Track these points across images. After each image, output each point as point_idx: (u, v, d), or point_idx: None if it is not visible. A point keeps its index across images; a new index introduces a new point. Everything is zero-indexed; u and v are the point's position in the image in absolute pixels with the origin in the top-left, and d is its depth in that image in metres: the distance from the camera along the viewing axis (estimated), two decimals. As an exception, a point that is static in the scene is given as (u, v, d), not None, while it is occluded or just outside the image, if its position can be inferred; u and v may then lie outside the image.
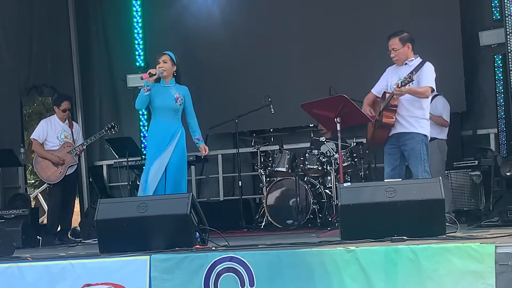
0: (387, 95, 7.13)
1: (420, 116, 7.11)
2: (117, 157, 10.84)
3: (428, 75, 7.04)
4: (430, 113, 8.46)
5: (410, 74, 6.83)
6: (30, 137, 9.53)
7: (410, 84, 6.87)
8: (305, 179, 9.56)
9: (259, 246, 6.01)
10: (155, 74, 7.59)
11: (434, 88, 7.11)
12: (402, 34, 7.21)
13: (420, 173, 6.94)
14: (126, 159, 10.46)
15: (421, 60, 7.17)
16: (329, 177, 9.54)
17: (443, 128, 8.87)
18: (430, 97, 7.25)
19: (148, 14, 11.71)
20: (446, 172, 9.21)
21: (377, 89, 7.38)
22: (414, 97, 7.06)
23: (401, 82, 6.87)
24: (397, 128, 7.12)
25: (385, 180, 6.59)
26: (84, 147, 9.54)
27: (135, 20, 11.73)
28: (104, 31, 11.98)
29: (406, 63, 7.18)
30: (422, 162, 6.98)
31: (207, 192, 11.58)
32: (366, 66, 10.05)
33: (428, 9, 10.10)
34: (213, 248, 6.02)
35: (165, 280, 5.61)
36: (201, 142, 7.86)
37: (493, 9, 9.97)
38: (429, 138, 7.27)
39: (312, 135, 9.87)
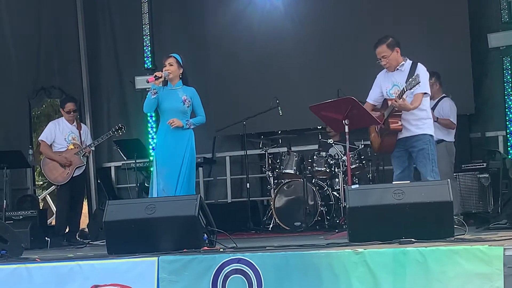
0: (389, 102, 7.11)
1: (424, 116, 7.11)
2: (125, 158, 10.86)
3: (422, 79, 6.95)
4: (437, 116, 8.52)
5: (415, 77, 6.81)
6: (38, 139, 9.57)
7: (417, 86, 6.84)
8: (313, 181, 9.56)
9: (267, 248, 6.01)
10: (161, 77, 7.60)
11: (428, 91, 7.09)
12: (388, 40, 7.16)
13: (428, 173, 6.94)
14: (134, 161, 10.47)
15: (411, 62, 7.14)
16: (337, 179, 9.54)
17: (450, 130, 8.85)
18: (428, 96, 7.20)
19: (156, 16, 11.73)
20: (455, 174, 9.20)
21: (372, 98, 7.38)
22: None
23: (408, 85, 6.84)
24: (403, 133, 7.12)
25: (394, 182, 6.58)
26: (92, 148, 9.56)
27: (143, 21, 11.74)
28: (112, 32, 12.01)
29: (397, 69, 7.16)
30: (430, 162, 6.99)
31: (215, 194, 11.58)
32: (374, 69, 10.02)
33: (437, 12, 10.10)
34: (221, 249, 6.02)
35: (173, 281, 5.61)
36: (184, 123, 7.65)
37: (502, 11, 9.97)
38: (436, 139, 7.27)
39: (320, 137, 9.86)
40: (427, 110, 7.15)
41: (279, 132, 10.42)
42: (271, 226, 9.66)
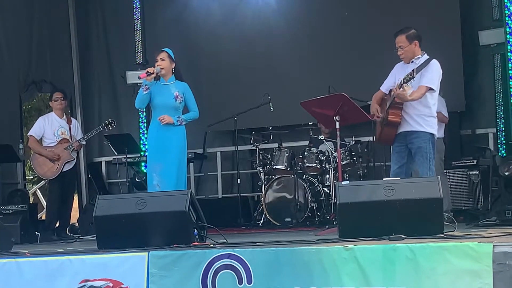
0: (393, 92, 7.06)
1: (427, 114, 6.99)
2: (116, 153, 10.82)
3: (431, 74, 6.92)
4: None
5: (412, 71, 6.77)
6: (27, 134, 9.56)
7: (412, 81, 6.80)
8: (304, 177, 9.56)
9: (257, 243, 6.01)
10: (153, 73, 7.55)
11: (434, 87, 6.96)
12: (409, 31, 7.09)
13: (425, 172, 6.87)
14: (125, 156, 10.45)
15: (428, 57, 7.05)
16: (327, 176, 9.54)
17: (441, 125, 8.85)
18: (436, 94, 7.09)
19: (148, 11, 11.69)
20: (445, 171, 9.22)
21: (385, 87, 7.25)
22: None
23: (403, 79, 6.83)
24: (404, 127, 7.02)
25: (384, 179, 6.58)
26: (83, 142, 9.54)
27: (135, 16, 11.70)
28: (104, 27, 11.98)
29: (412, 61, 7.07)
30: (427, 161, 6.90)
31: (205, 190, 11.57)
32: (365, 65, 10.08)
33: (428, 8, 10.10)
34: (211, 245, 6.02)
35: (163, 276, 5.62)
36: (175, 119, 7.63)
37: (493, 9, 9.97)
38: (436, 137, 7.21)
39: (311, 133, 9.87)
40: (431, 108, 7.00)
41: (270, 128, 10.39)
42: (261, 221, 9.67)
